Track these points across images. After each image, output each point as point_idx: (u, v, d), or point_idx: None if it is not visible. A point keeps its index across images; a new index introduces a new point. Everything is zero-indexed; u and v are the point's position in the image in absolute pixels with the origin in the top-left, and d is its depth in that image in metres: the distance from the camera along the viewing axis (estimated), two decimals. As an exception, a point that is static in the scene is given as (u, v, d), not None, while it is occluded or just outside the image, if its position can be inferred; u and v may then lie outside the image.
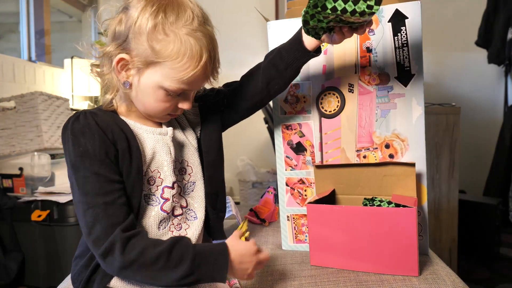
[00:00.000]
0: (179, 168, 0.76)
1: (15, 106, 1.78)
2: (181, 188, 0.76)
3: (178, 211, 0.74)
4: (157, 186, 0.71)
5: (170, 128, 0.74)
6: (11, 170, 1.75)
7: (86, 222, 0.61)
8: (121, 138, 0.66)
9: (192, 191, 0.78)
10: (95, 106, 0.76)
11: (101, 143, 0.63)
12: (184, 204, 0.75)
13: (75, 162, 0.63)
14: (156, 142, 0.72)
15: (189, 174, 0.78)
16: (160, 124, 0.75)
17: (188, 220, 0.76)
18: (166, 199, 0.72)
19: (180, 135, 0.78)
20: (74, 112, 0.78)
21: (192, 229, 0.75)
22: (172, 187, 0.72)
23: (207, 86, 0.75)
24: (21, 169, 1.74)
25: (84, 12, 3.29)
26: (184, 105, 0.70)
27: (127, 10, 0.66)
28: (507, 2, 2.59)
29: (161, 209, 0.71)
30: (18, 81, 2.24)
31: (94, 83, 2.63)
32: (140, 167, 0.68)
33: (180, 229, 0.73)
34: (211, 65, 0.67)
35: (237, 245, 0.65)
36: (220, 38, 0.70)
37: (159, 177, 0.72)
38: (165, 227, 0.71)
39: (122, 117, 0.72)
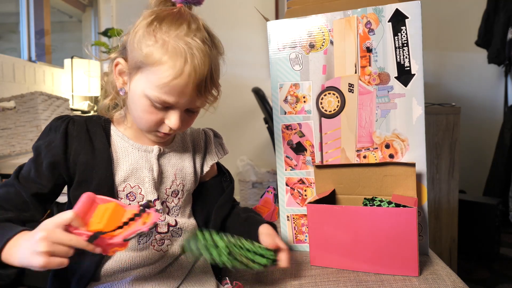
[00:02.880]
0: (174, 190, 0.76)
1: (15, 106, 1.78)
2: (169, 208, 0.76)
3: (162, 229, 0.73)
4: (138, 202, 0.72)
5: (156, 146, 0.74)
6: (11, 170, 1.75)
7: None
8: (87, 149, 0.69)
9: (178, 215, 0.77)
10: (95, 107, 0.77)
11: (58, 149, 0.67)
12: (172, 223, 0.75)
13: (34, 147, 0.71)
14: (139, 158, 0.72)
15: (178, 198, 0.77)
16: (153, 143, 0.74)
17: (173, 237, 0.76)
18: None
19: (184, 162, 0.79)
20: (73, 112, 0.80)
21: (175, 246, 0.75)
22: (153, 205, 0.72)
23: (202, 110, 0.71)
24: (21, 169, 1.73)
25: (84, 12, 3.29)
26: (171, 122, 0.66)
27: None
28: (507, 2, 2.59)
29: None
30: (18, 81, 2.24)
31: (94, 83, 2.63)
32: (103, 180, 0.68)
33: (162, 244, 0.73)
34: (197, 80, 0.62)
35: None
36: (220, 38, 0.70)
37: (140, 193, 0.72)
38: (146, 242, 0.72)
39: (112, 127, 0.73)
